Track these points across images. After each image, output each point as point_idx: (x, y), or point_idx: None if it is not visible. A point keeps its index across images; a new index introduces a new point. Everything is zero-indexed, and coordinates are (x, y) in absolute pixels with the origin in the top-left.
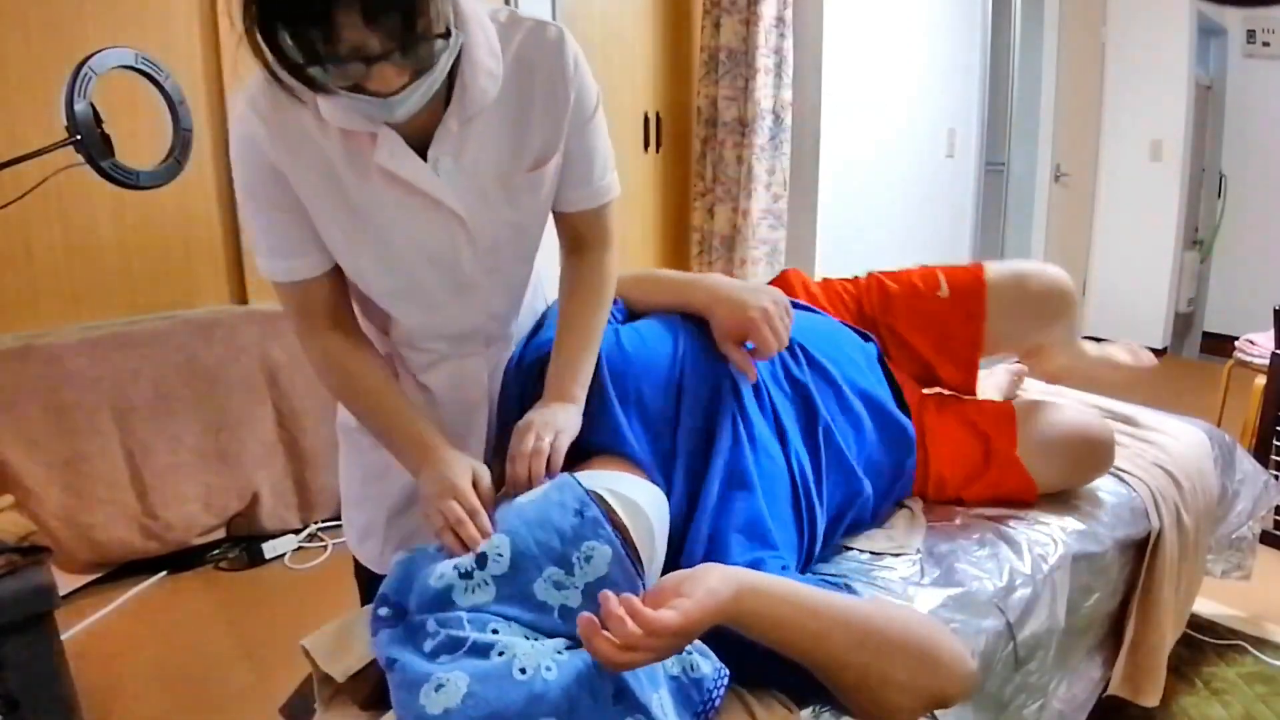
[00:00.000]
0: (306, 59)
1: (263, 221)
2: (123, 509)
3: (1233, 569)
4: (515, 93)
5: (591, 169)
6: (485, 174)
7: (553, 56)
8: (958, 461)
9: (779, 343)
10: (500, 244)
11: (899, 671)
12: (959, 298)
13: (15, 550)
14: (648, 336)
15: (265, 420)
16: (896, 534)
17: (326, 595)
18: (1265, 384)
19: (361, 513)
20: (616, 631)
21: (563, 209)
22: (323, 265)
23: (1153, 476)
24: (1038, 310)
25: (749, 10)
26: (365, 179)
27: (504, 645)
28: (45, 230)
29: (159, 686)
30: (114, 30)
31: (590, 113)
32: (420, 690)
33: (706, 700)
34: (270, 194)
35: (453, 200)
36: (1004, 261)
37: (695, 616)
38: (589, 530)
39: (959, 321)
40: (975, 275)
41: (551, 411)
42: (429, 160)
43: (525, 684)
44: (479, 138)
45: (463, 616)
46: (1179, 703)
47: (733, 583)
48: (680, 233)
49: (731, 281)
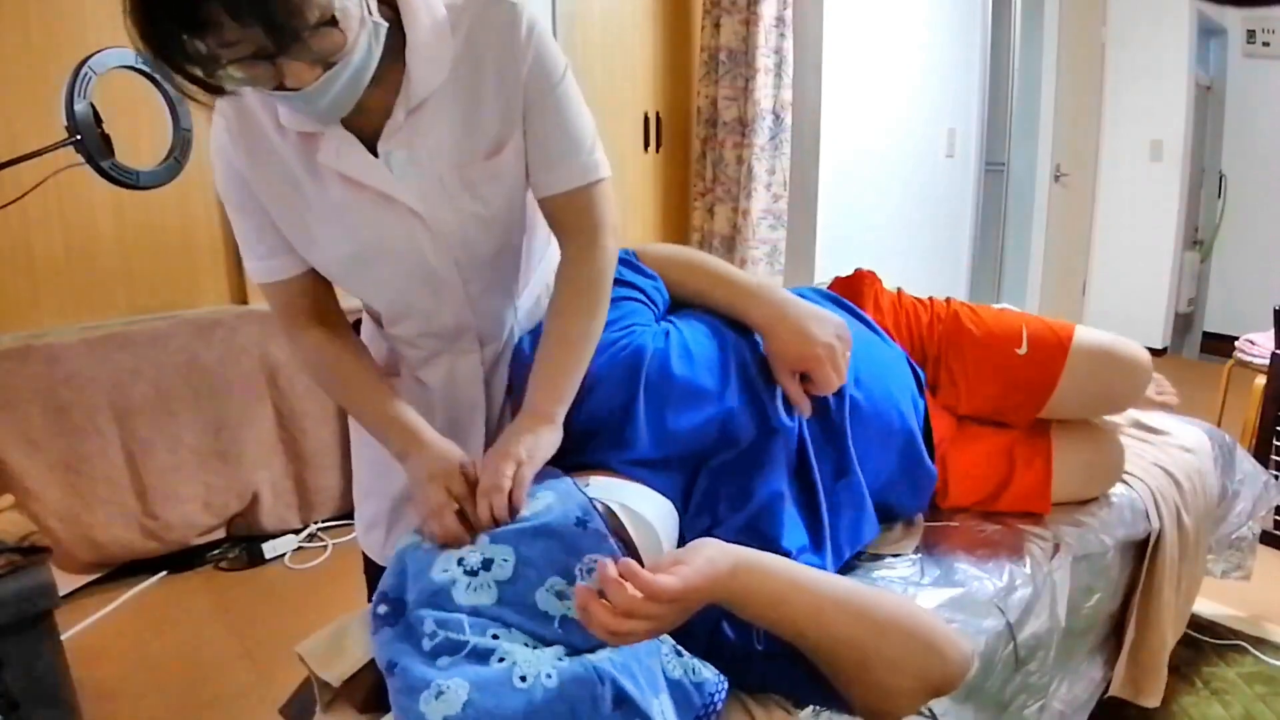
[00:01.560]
0: (198, 65)
1: (240, 225)
2: (123, 509)
3: (1233, 569)
4: (467, 75)
5: (564, 146)
6: (441, 164)
7: (504, 30)
8: (975, 493)
9: (840, 379)
10: (468, 238)
11: (895, 650)
12: (1036, 356)
13: (15, 550)
14: (698, 359)
15: (265, 420)
16: (894, 535)
17: (326, 595)
18: (1265, 384)
19: (369, 504)
20: (615, 597)
21: (540, 194)
22: (299, 265)
23: (1153, 477)
24: (1109, 392)
25: (749, 10)
26: (320, 180)
27: (504, 651)
28: (45, 230)
29: (159, 686)
30: (114, 30)
31: (554, 83)
32: (420, 697)
33: (708, 705)
34: (241, 199)
35: (405, 194)
36: (1096, 331)
37: (695, 583)
38: (592, 543)
39: (1027, 383)
40: (1062, 338)
41: (521, 435)
42: (380, 154)
43: (525, 692)
44: (430, 126)
45: (463, 620)
46: (1179, 703)
47: (731, 556)
48: (680, 233)
49: (797, 304)
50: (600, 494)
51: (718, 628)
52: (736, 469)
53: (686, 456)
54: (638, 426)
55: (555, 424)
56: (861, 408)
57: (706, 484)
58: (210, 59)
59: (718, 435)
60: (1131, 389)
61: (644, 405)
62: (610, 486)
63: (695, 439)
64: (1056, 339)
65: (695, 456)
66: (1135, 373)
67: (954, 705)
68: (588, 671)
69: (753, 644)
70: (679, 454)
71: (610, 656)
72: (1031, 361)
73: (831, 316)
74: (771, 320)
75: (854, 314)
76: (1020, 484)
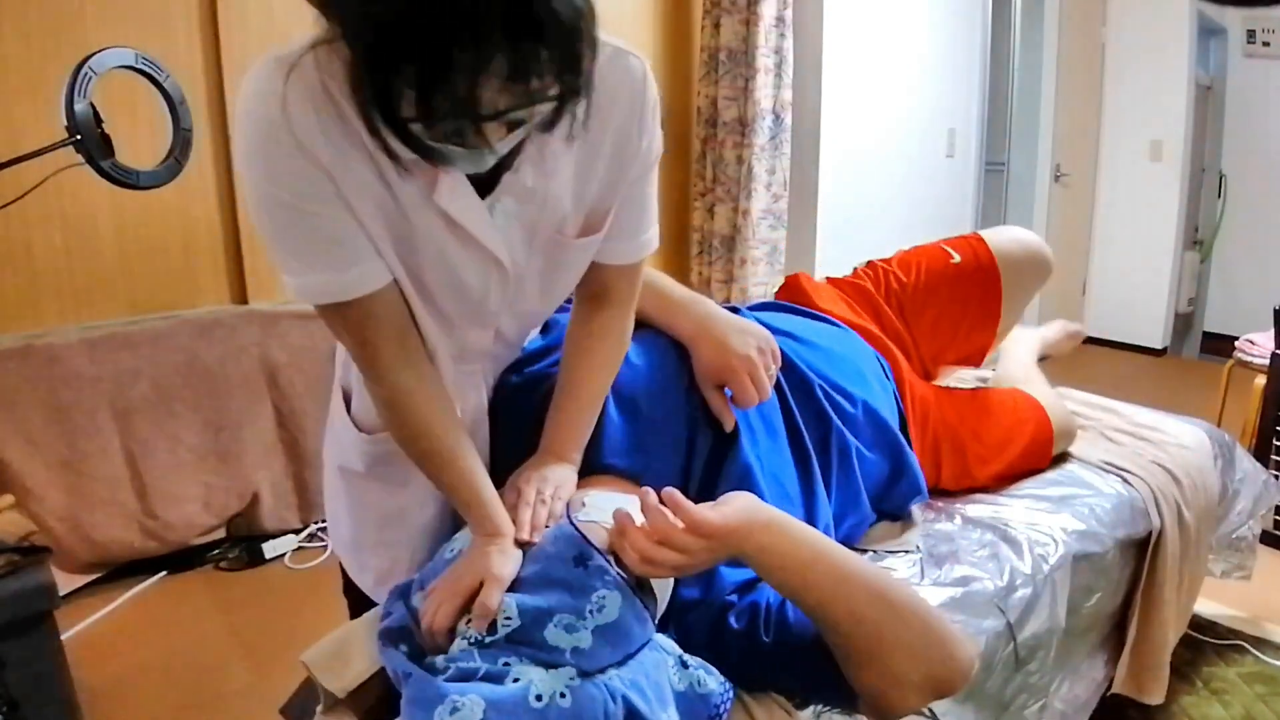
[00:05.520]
0: (419, 114)
1: (304, 228)
2: (123, 509)
3: (1233, 569)
4: (589, 133)
5: (639, 223)
6: (543, 224)
7: (635, 96)
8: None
9: (760, 394)
10: (530, 287)
11: (911, 636)
12: (969, 258)
13: (15, 550)
14: (650, 347)
15: (265, 420)
16: (895, 530)
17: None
18: (1265, 384)
19: (382, 557)
20: (654, 522)
21: (599, 260)
22: (384, 276)
23: (1153, 475)
24: (1035, 266)
25: (749, 10)
26: (416, 200)
27: (519, 673)
28: (45, 230)
29: (159, 686)
30: (114, 30)
31: (653, 162)
32: (434, 711)
33: (714, 715)
34: (321, 196)
35: (498, 245)
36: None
37: (734, 524)
38: (595, 580)
39: (977, 282)
40: (974, 237)
41: (550, 470)
42: (487, 201)
43: (540, 712)
44: (544, 184)
45: (474, 652)
46: (1179, 703)
47: (766, 511)
48: (680, 233)
49: (719, 316)
50: (597, 515)
51: (723, 623)
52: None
53: (669, 445)
54: (609, 419)
55: (575, 466)
56: (835, 396)
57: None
58: (429, 108)
59: (689, 398)
60: (1043, 259)
61: (612, 396)
62: (605, 503)
63: (669, 412)
64: (970, 238)
65: (680, 443)
66: (1036, 244)
67: (954, 705)
68: (600, 690)
69: (760, 636)
70: (663, 438)
71: (620, 674)
72: (965, 268)
73: (757, 329)
74: (696, 334)
75: (808, 314)
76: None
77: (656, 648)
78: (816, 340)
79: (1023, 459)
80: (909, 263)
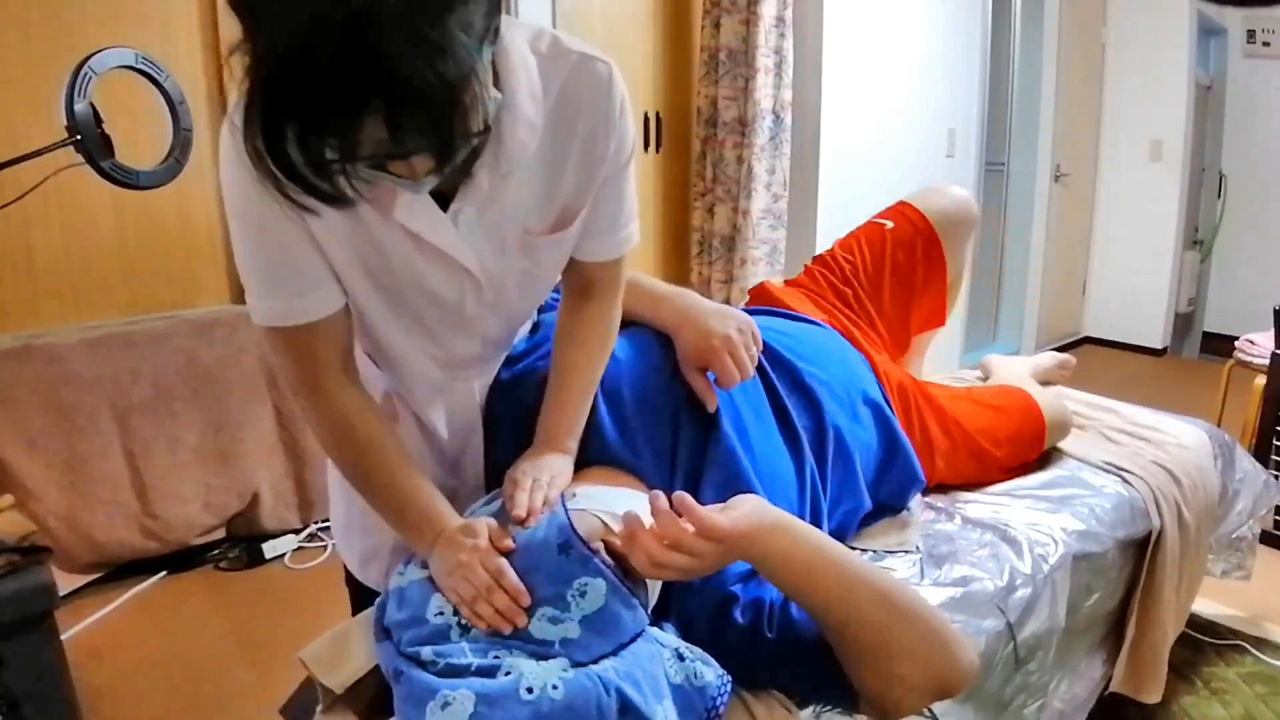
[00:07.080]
0: (317, 169)
1: (268, 252)
2: (123, 509)
3: (1233, 569)
4: (554, 140)
5: (617, 219)
6: (508, 227)
7: (599, 98)
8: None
9: (741, 373)
10: (508, 289)
11: (915, 638)
12: (901, 222)
13: (15, 550)
14: (636, 340)
15: (265, 420)
16: (895, 529)
17: (326, 595)
18: (1265, 384)
19: (364, 538)
20: (665, 526)
21: (580, 257)
22: (337, 301)
23: (1153, 475)
24: (961, 211)
25: (749, 10)
26: (383, 218)
27: (510, 665)
28: (45, 230)
29: (159, 686)
30: (114, 30)
31: (625, 161)
32: (426, 707)
33: (710, 708)
34: (277, 219)
35: (466, 256)
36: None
37: (742, 528)
38: (577, 568)
39: (916, 238)
40: (899, 204)
41: (546, 460)
42: (449, 212)
43: (532, 704)
44: (508, 192)
45: (464, 647)
46: (1179, 703)
47: (772, 514)
48: (680, 233)
49: (700, 303)
50: (588, 504)
51: (725, 616)
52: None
53: (658, 432)
54: (598, 410)
55: (571, 456)
56: (822, 381)
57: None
58: (323, 159)
59: (675, 389)
60: (965, 203)
61: (601, 399)
62: (597, 496)
63: (655, 400)
64: (897, 205)
65: (668, 429)
66: (956, 192)
67: (954, 705)
68: (593, 682)
69: (764, 632)
70: (650, 426)
71: (614, 665)
72: (902, 232)
73: (735, 312)
74: (678, 322)
75: (783, 315)
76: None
77: (652, 640)
78: (798, 334)
79: (1012, 443)
80: (850, 245)
